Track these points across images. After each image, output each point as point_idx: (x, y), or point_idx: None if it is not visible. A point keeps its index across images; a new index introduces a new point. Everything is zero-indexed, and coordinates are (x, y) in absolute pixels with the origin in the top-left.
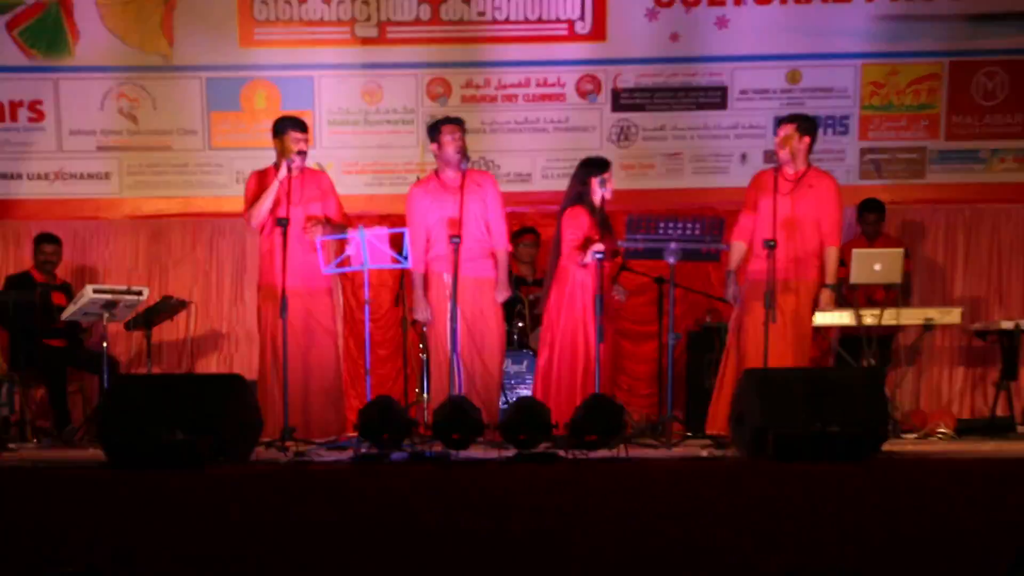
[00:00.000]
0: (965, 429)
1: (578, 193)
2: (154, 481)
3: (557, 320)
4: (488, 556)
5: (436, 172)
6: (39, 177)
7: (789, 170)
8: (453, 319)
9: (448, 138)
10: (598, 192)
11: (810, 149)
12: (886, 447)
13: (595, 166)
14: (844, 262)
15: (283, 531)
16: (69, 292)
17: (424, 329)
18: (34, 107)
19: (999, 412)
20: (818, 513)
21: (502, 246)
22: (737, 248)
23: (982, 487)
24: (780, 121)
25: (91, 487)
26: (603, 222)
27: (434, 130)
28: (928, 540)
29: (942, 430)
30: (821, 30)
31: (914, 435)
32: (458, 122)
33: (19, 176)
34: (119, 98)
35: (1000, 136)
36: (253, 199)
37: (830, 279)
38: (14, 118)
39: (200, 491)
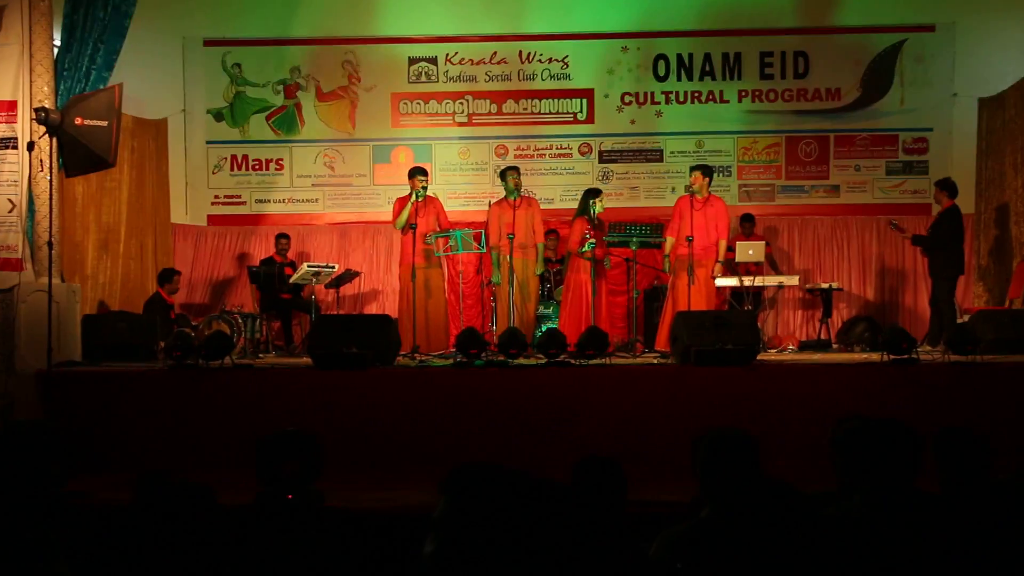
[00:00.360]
0: (803, 346)
1: (582, 208)
2: (337, 376)
3: (569, 284)
4: (529, 419)
5: (504, 197)
6: (279, 201)
7: (698, 197)
8: (511, 283)
9: (510, 177)
10: (592, 209)
11: (709, 184)
12: (759, 357)
13: (592, 193)
14: (732, 248)
15: (413, 404)
16: (294, 267)
17: (494, 288)
18: (278, 163)
19: (822, 336)
20: (721, 395)
21: (540, 240)
22: (669, 241)
23: (812, 378)
24: (692, 169)
25: (303, 379)
26: (598, 226)
27: (503, 173)
28: (784, 409)
29: (790, 347)
30: (715, 118)
31: (774, 350)
32: (516, 168)
33: (268, 201)
34: (324, 157)
35: (815, 178)
36: (397, 214)
37: (721, 258)
38: (267, 168)
39: (364, 383)
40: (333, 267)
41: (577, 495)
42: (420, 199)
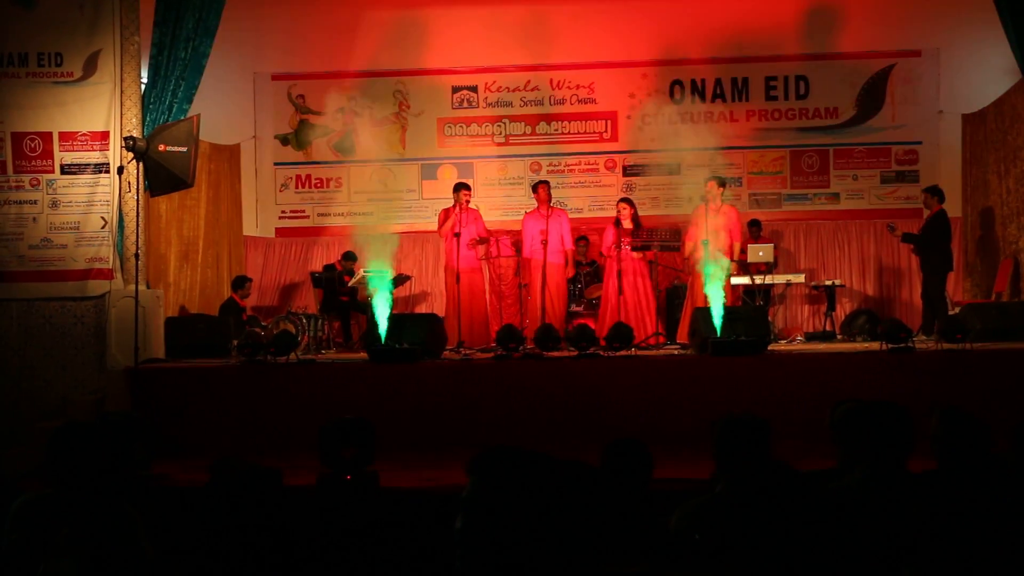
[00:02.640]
0: (810, 337)
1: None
2: (391, 369)
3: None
4: (563, 405)
5: (536, 208)
6: (338, 215)
7: (713, 205)
8: (543, 285)
9: (540, 190)
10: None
11: (723, 193)
12: (770, 347)
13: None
14: (744, 251)
15: (458, 393)
16: (352, 272)
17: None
18: (337, 181)
19: (827, 328)
20: (736, 382)
21: (569, 247)
22: (688, 245)
23: (818, 365)
24: (707, 180)
25: (360, 372)
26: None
27: (534, 186)
28: (792, 393)
29: (798, 338)
30: (726, 134)
31: (784, 341)
32: (546, 182)
33: (329, 214)
34: (378, 175)
35: (817, 187)
36: (442, 224)
37: (735, 258)
38: (327, 186)
39: (415, 375)
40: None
41: (607, 473)
42: (462, 210)
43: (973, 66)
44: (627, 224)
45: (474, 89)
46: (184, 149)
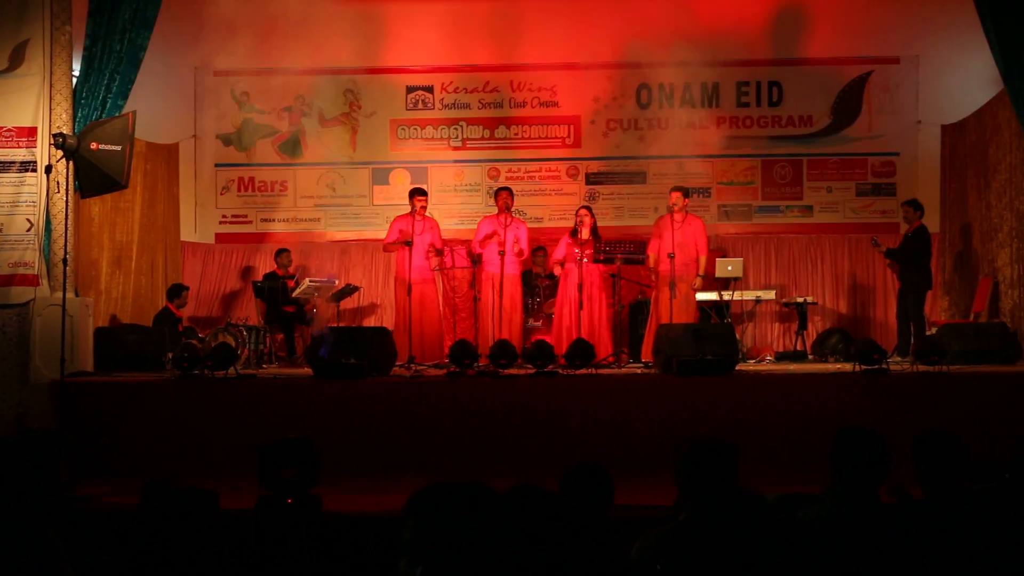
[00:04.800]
0: (780, 357)
1: (572, 229)
2: (336, 386)
3: (560, 298)
4: (518, 425)
5: (495, 215)
6: (283, 220)
7: (678, 215)
8: (500, 297)
9: (501, 197)
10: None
11: (687, 204)
12: (738, 367)
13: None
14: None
15: (408, 412)
16: (296, 281)
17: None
18: (283, 184)
19: (797, 348)
20: (701, 404)
21: (525, 256)
22: (651, 257)
23: (788, 387)
24: (672, 189)
25: (304, 389)
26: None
27: (496, 193)
28: (761, 416)
29: (768, 357)
30: (694, 142)
31: (753, 360)
32: (507, 189)
33: (273, 220)
34: (326, 179)
35: (789, 198)
36: (388, 234)
37: (702, 272)
38: (272, 190)
39: (362, 392)
40: (334, 282)
41: (565, 499)
42: (417, 217)
43: (953, 75)
44: (585, 235)
45: (429, 89)
46: (118, 148)
